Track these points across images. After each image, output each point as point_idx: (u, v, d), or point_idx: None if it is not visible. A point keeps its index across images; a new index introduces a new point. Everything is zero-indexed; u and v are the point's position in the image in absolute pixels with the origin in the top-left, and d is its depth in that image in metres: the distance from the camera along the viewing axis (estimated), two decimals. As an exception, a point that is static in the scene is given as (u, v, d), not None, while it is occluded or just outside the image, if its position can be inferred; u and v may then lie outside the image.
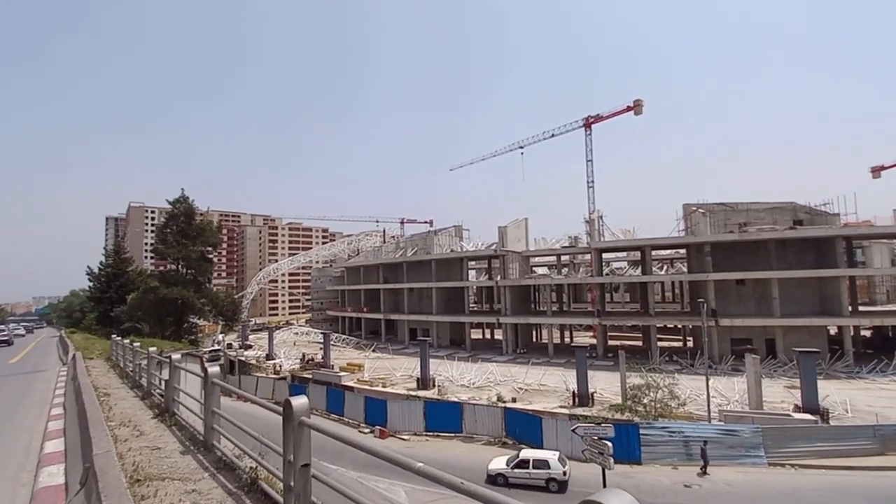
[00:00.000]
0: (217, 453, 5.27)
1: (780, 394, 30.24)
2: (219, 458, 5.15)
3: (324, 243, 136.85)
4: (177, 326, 56.74)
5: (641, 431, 22.48)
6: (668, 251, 64.22)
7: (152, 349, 9.80)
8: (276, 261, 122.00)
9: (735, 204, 46.65)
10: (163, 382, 8.12)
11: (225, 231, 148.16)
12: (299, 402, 3.39)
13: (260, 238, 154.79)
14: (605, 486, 15.54)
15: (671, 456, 22.05)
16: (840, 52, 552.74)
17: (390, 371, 42.82)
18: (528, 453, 20.31)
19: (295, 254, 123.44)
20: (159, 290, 52.74)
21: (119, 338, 17.83)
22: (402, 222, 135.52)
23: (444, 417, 27.52)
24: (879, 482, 19.15)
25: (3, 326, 50.88)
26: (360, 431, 29.00)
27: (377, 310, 67.97)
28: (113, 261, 61.53)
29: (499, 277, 57.22)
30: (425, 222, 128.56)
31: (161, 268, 66.07)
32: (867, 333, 47.47)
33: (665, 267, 68.18)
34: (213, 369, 5.56)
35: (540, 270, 77.60)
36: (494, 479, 19.72)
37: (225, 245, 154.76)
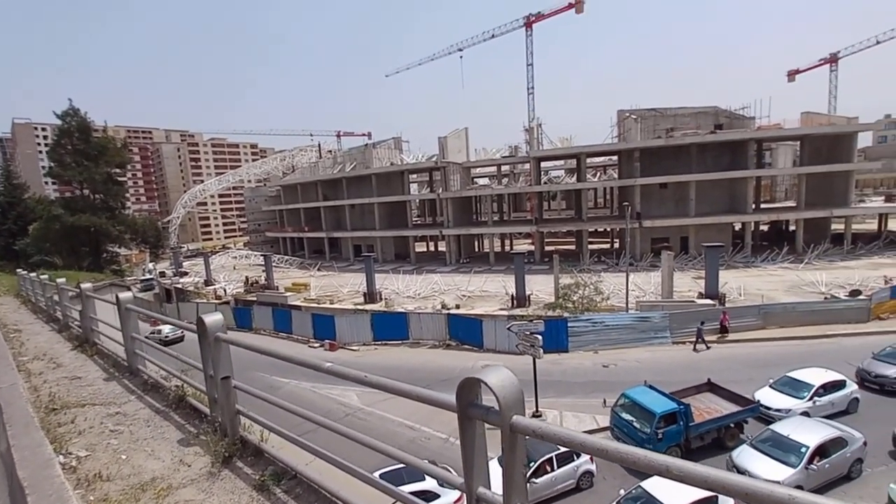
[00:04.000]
0: (143, 377, 5.27)
1: (689, 284, 34.26)
2: (145, 381, 5.16)
3: (254, 160, 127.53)
4: (95, 257, 52.63)
5: (569, 324, 25.03)
6: (602, 158, 66.48)
7: (61, 280, 9.12)
8: (202, 181, 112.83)
9: (664, 109, 48.22)
10: (79, 315, 7.72)
11: (136, 150, 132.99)
12: (212, 318, 3.46)
13: (179, 157, 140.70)
14: (535, 373, 17.50)
15: (593, 343, 24.95)
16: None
17: (337, 288, 43.31)
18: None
19: (222, 173, 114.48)
20: (64, 218, 47.66)
21: (26, 272, 16.35)
22: (338, 135, 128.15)
23: (392, 327, 28.87)
24: (756, 351, 23.07)
25: None
26: (309, 346, 29.92)
27: (319, 228, 66.54)
28: (3, 188, 54.01)
29: (441, 190, 57.16)
30: (363, 135, 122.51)
31: (67, 194, 58.98)
32: (765, 228, 53.72)
33: (598, 174, 71.02)
34: (125, 295, 5.35)
35: (481, 181, 78.18)
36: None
37: (139, 166, 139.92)
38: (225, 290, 48.64)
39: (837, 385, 16.59)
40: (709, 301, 28.33)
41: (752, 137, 44.07)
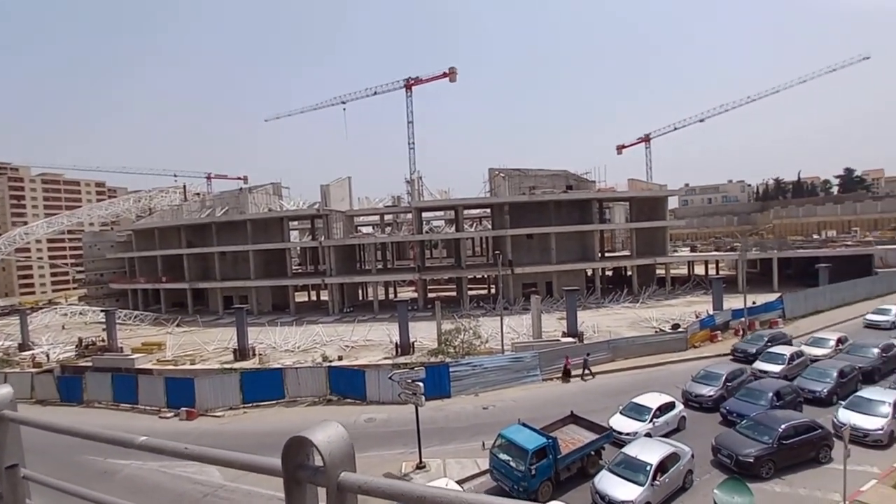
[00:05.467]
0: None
1: (554, 324, 37.99)
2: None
3: (99, 200, 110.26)
4: None
5: (451, 369, 25.76)
6: (478, 210, 71.99)
7: None
8: (25, 223, 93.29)
9: (526, 170, 54.96)
10: None
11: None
12: (-5, 393, 2.95)
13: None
14: (417, 422, 17.53)
15: (474, 385, 25.93)
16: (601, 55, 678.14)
17: (200, 346, 38.51)
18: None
19: (55, 214, 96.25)
20: None
21: None
22: (209, 178, 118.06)
23: (265, 386, 26.46)
24: (610, 381, 26.25)
25: None
26: (160, 418, 25.75)
27: (181, 278, 59.15)
28: None
29: (323, 237, 55.79)
30: (238, 178, 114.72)
31: None
32: (610, 273, 62.76)
33: (475, 224, 76.44)
34: None
35: (365, 230, 78.28)
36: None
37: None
38: (47, 356, 39.83)
39: (669, 406, 19.55)
40: (571, 339, 31.74)
41: (594, 197, 52.51)
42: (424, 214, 65.70)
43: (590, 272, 55.05)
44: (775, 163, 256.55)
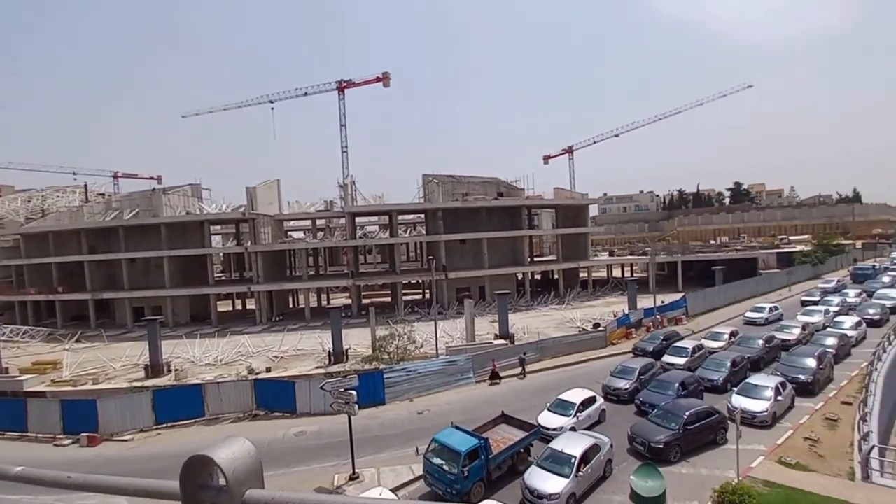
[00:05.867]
0: None
1: (487, 327, 39.07)
2: None
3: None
4: None
5: (385, 376, 25.54)
6: (412, 215, 72.23)
7: None
8: None
9: (460, 176, 56.15)
10: None
11: None
12: None
13: None
14: (350, 431, 17.20)
15: (409, 391, 25.91)
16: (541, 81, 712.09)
17: (105, 363, 34.71)
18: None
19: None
20: None
21: None
22: (115, 177, 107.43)
23: (181, 404, 24.46)
24: (537, 380, 27.50)
25: None
26: (55, 445, 22.86)
27: (81, 288, 52.88)
28: None
29: (249, 243, 52.81)
30: (151, 178, 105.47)
31: None
32: (538, 277, 65.81)
33: (409, 230, 76.56)
34: None
35: (296, 235, 75.30)
36: None
37: None
38: None
39: (591, 400, 20.90)
40: (502, 341, 32.81)
41: (524, 204, 54.89)
42: (358, 219, 64.63)
43: (520, 276, 57.31)
44: (679, 175, 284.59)
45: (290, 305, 60.28)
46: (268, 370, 30.93)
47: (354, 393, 17.06)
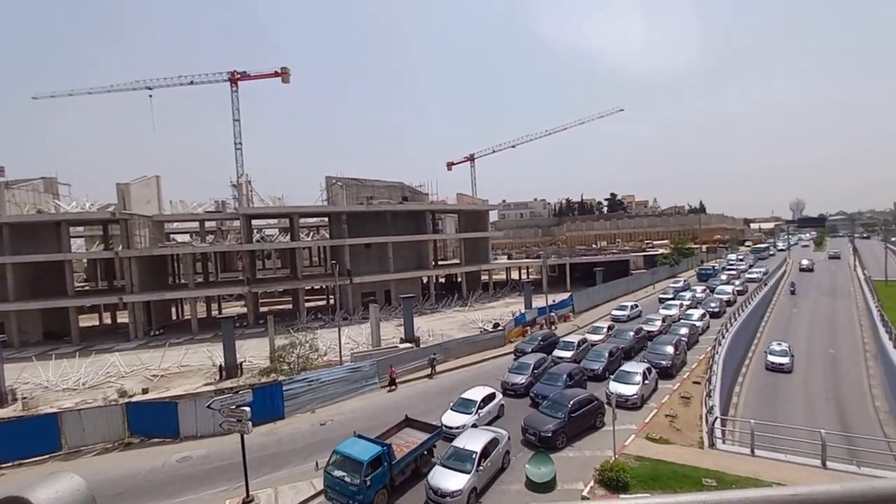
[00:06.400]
0: None
1: (393, 331, 39.07)
2: None
3: None
4: None
5: (284, 387, 24.22)
6: (315, 219, 69.44)
7: None
8: None
9: (364, 180, 55.42)
10: None
11: None
12: None
13: None
14: (243, 452, 16.03)
15: (311, 402, 24.88)
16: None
17: (-84, 397, 27.94)
18: None
19: None
20: None
21: None
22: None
23: (29, 438, 20.66)
24: (442, 381, 28.22)
25: None
26: None
27: None
28: None
29: (121, 247, 46.37)
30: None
31: None
32: (443, 280, 67.56)
33: (312, 233, 73.48)
34: None
35: (180, 238, 67.90)
36: None
37: None
38: None
39: (491, 397, 22.00)
40: (408, 344, 33.07)
41: (428, 209, 56.01)
42: (256, 222, 60.34)
43: (425, 279, 58.17)
44: (568, 185, 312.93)
45: (174, 317, 54.22)
46: (145, 391, 27.52)
47: (248, 409, 15.92)
